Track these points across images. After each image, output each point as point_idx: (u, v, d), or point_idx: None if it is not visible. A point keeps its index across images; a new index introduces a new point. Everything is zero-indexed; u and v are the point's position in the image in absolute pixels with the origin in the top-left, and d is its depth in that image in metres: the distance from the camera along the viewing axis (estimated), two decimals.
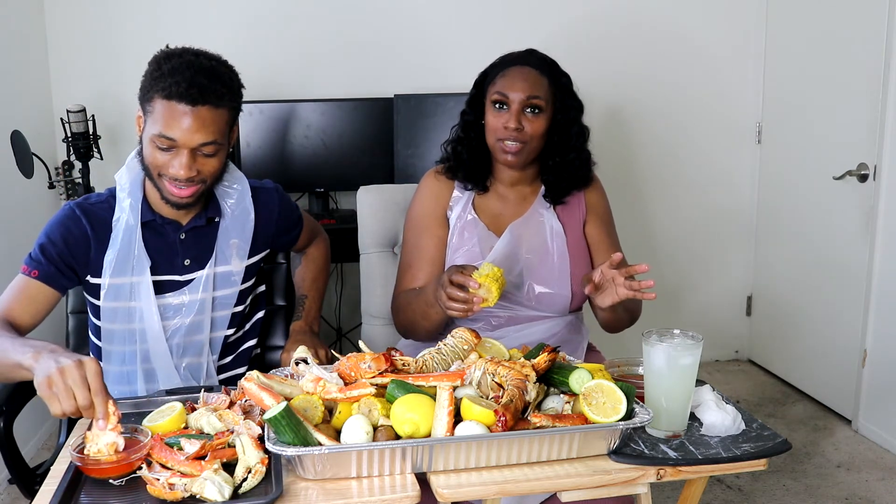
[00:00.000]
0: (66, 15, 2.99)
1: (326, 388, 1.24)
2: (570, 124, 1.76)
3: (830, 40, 3.03)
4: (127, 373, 1.60)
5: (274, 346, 1.86)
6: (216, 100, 1.46)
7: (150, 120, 1.47)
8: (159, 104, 1.45)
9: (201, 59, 1.49)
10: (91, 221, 1.56)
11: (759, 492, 2.55)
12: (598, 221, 1.84)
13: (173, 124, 1.44)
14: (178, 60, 1.46)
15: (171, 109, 1.44)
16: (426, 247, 1.80)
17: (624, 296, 1.53)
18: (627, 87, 3.39)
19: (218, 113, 1.47)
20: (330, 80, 3.15)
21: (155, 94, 1.45)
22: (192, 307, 1.59)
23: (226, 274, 1.63)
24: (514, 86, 1.70)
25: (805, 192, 3.22)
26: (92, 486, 1.16)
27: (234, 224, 1.64)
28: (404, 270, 1.82)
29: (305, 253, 1.89)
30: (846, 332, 2.99)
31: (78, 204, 1.58)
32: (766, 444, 1.28)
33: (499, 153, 1.73)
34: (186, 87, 1.43)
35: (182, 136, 1.44)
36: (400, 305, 1.78)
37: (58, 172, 2.82)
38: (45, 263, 1.53)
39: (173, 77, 1.44)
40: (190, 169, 1.46)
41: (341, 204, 3.21)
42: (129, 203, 1.56)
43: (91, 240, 1.55)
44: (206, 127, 1.45)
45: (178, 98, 1.43)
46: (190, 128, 1.44)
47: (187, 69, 1.45)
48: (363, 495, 1.13)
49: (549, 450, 1.20)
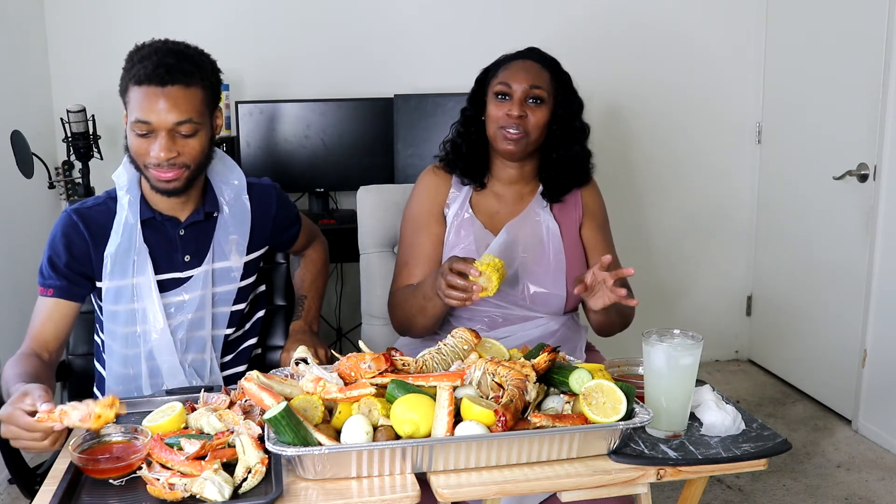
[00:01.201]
0: (66, 15, 2.99)
1: (326, 388, 1.24)
2: (572, 119, 1.77)
3: (830, 40, 3.03)
4: (132, 374, 1.60)
5: (274, 345, 1.86)
6: (185, 78, 1.47)
7: (129, 111, 1.50)
8: (133, 92, 1.48)
9: (168, 44, 1.52)
10: (89, 226, 1.56)
11: (759, 492, 2.55)
12: (594, 224, 1.85)
13: (147, 107, 1.46)
14: (148, 49, 1.50)
15: (144, 94, 1.46)
16: (423, 244, 1.80)
17: (610, 300, 1.53)
18: (627, 86, 3.39)
19: (190, 91, 1.48)
20: (330, 80, 3.15)
21: (129, 83, 1.49)
22: (192, 304, 1.60)
23: (225, 270, 1.64)
24: (516, 76, 1.72)
25: (805, 192, 3.22)
26: (92, 486, 1.16)
27: (233, 219, 1.65)
28: (401, 268, 1.82)
29: (304, 255, 1.89)
30: (846, 332, 2.99)
31: (75, 210, 1.59)
32: (766, 444, 1.28)
33: (500, 141, 1.73)
34: (153, 68, 1.46)
35: (156, 117, 1.46)
36: (397, 302, 1.78)
37: (58, 172, 2.82)
38: (56, 278, 1.54)
39: (142, 63, 1.47)
40: (169, 150, 1.47)
41: (341, 204, 3.21)
42: (127, 200, 1.57)
43: (90, 246, 1.56)
44: (179, 106, 1.46)
45: (147, 81, 1.45)
46: (164, 108, 1.45)
47: (154, 53, 1.48)
48: (363, 495, 1.13)
49: (549, 450, 1.20)
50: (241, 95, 3.08)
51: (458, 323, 1.77)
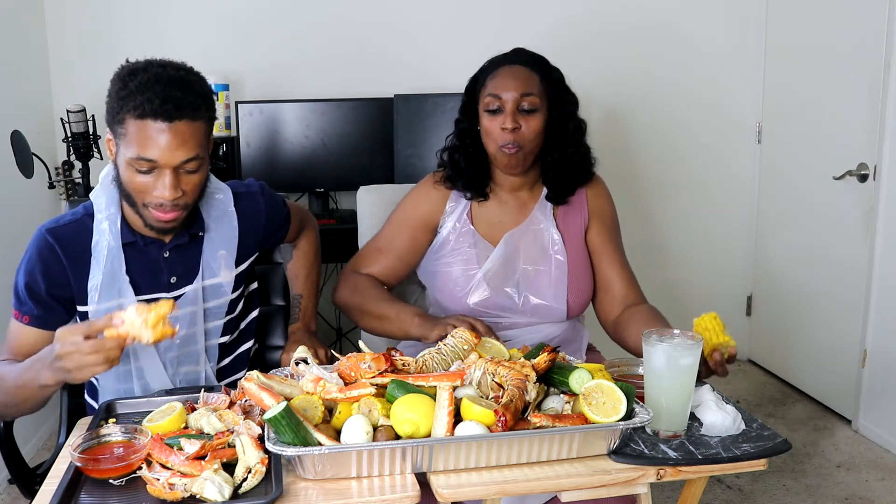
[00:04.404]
0: (66, 15, 2.99)
1: (326, 388, 1.24)
2: (567, 119, 1.73)
3: (830, 40, 3.03)
4: (123, 390, 1.55)
5: (274, 345, 1.86)
6: (193, 112, 1.37)
7: (124, 143, 1.38)
8: (132, 125, 1.36)
9: (169, 71, 1.39)
10: (64, 247, 1.48)
11: (759, 492, 2.55)
12: (602, 227, 1.81)
13: (151, 144, 1.35)
14: (145, 75, 1.37)
15: (147, 129, 1.34)
16: (401, 243, 1.80)
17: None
18: (627, 86, 3.39)
19: (196, 126, 1.39)
20: (330, 80, 3.16)
21: (126, 114, 1.36)
22: (183, 321, 1.54)
23: (215, 286, 1.58)
24: (505, 85, 1.67)
25: (805, 191, 3.22)
26: (92, 486, 1.16)
27: (220, 236, 1.58)
28: (371, 251, 1.82)
29: (296, 245, 1.84)
30: (846, 332, 2.99)
31: (49, 230, 1.49)
32: (766, 444, 1.28)
33: (499, 158, 1.70)
34: (161, 102, 1.33)
35: (162, 155, 1.35)
36: (356, 284, 1.78)
37: (58, 172, 2.82)
38: (33, 306, 1.47)
39: (143, 94, 1.34)
40: (175, 189, 1.38)
41: (341, 204, 3.21)
42: (107, 226, 1.49)
43: (67, 269, 1.48)
44: (187, 142, 1.37)
45: (152, 116, 1.34)
46: (170, 145, 1.35)
47: (157, 83, 1.35)
48: (363, 495, 1.13)
49: (549, 450, 1.20)
50: (241, 95, 3.08)
51: None
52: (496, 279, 1.74)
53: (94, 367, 1.25)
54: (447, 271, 1.77)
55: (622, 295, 1.76)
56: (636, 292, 1.77)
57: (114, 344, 1.25)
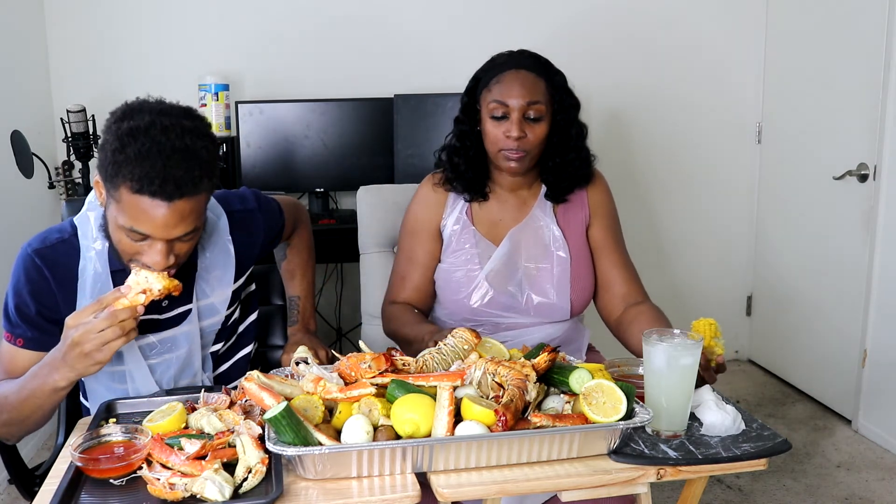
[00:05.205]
0: (66, 15, 2.99)
1: (326, 388, 1.24)
2: (570, 125, 1.72)
3: (830, 40, 3.03)
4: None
5: (274, 345, 1.86)
6: (193, 188, 1.28)
7: (116, 207, 1.30)
8: (128, 195, 1.26)
9: (172, 139, 1.27)
10: (51, 269, 1.42)
11: (759, 492, 2.55)
12: (603, 223, 1.80)
13: (145, 219, 1.27)
14: (146, 141, 1.25)
15: (143, 203, 1.26)
16: (419, 258, 1.79)
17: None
18: (627, 86, 3.39)
19: (196, 200, 1.30)
20: (330, 80, 3.16)
21: (121, 182, 1.26)
22: (178, 341, 1.50)
23: (210, 305, 1.55)
24: (511, 92, 1.65)
25: (805, 191, 3.23)
26: (92, 486, 1.16)
27: (213, 257, 1.54)
28: (396, 280, 1.82)
29: (289, 243, 1.82)
30: (846, 332, 2.99)
31: (36, 251, 1.42)
32: (766, 444, 1.28)
33: (501, 162, 1.70)
34: (160, 182, 1.24)
35: (157, 231, 1.28)
36: (390, 315, 1.78)
37: (58, 172, 2.82)
38: (25, 328, 1.42)
39: (141, 167, 1.24)
40: (167, 258, 1.32)
41: (341, 204, 3.21)
42: (94, 255, 1.43)
43: (56, 293, 1.42)
44: (185, 219, 1.29)
45: (150, 195, 1.25)
46: (167, 223, 1.28)
47: (158, 156, 1.24)
48: (363, 495, 1.13)
49: (550, 450, 1.20)
50: (241, 95, 3.08)
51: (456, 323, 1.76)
52: (498, 278, 1.74)
53: (112, 343, 1.25)
54: (449, 272, 1.77)
55: (623, 292, 1.76)
56: (638, 290, 1.77)
57: (127, 314, 1.25)
